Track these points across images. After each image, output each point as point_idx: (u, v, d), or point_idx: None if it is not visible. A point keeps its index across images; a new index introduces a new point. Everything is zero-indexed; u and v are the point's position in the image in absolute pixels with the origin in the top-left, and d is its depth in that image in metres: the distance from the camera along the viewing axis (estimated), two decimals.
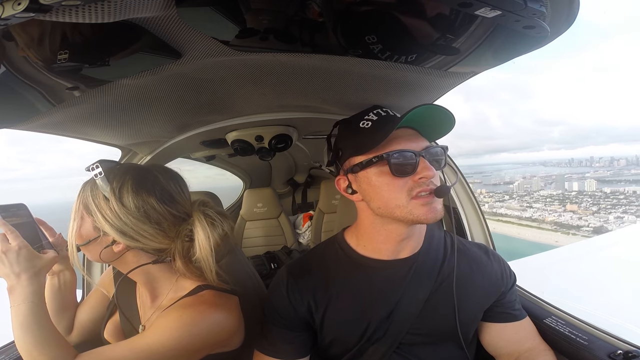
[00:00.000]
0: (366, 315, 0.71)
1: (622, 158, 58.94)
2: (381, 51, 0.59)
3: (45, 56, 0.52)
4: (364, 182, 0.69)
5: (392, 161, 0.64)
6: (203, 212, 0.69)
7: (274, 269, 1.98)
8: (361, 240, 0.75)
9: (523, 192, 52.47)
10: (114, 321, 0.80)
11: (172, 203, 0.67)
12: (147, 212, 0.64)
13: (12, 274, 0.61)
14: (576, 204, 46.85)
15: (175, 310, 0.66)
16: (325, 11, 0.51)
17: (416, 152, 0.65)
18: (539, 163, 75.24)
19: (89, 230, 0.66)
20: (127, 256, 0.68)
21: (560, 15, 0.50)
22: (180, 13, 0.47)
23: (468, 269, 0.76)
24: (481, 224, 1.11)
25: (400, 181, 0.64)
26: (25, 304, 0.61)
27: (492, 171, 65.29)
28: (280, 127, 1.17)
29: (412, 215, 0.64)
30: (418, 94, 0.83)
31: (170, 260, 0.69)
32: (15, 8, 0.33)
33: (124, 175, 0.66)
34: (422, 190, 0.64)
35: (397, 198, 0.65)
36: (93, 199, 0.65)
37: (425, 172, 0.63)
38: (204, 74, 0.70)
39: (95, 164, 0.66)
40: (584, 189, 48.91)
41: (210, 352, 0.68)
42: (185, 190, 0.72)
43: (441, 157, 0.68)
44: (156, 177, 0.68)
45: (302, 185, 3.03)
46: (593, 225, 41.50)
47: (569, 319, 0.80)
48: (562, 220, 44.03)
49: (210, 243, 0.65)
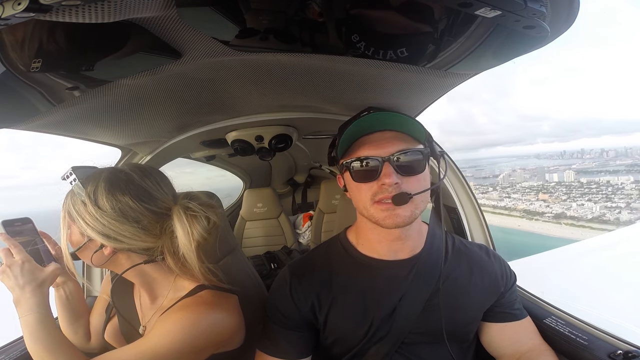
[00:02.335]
0: (369, 314, 0.71)
1: (611, 150, 60.08)
2: (366, 48, 0.60)
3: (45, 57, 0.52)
4: (347, 183, 0.74)
5: (352, 168, 0.67)
6: (183, 205, 0.68)
7: (274, 269, 1.98)
8: (360, 239, 0.77)
9: (507, 184, 54.05)
10: (114, 323, 0.80)
11: (149, 200, 0.67)
12: (123, 211, 0.64)
13: (16, 286, 0.64)
14: (548, 194, 49.49)
15: (175, 312, 0.66)
16: (326, 13, 0.51)
17: (380, 158, 0.65)
18: (533, 156, 76.55)
19: (77, 237, 0.67)
20: (119, 258, 0.68)
21: (560, 15, 0.50)
22: (180, 13, 0.47)
23: (468, 269, 0.76)
24: (481, 224, 1.11)
25: (365, 185, 0.67)
26: (32, 314, 0.64)
27: (487, 165, 66.17)
28: (280, 127, 1.17)
29: (373, 218, 0.67)
30: (418, 94, 0.83)
31: (162, 259, 0.69)
32: (15, 8, 0.33)
33: (97, 178, 0.66)
34: (382, 197, 0.65)
35: (362, 200, 0.68)
36: (73, 205, 0.66)
37: (385, 179, 0.64)
38: (204, 74, 0.70)
39: (68, 172, 0.66)
40: (563, 179, 50.70)
41: (214, 352, 0.68)
42: (165, 185, 0.71)
43: (417, 161, 0.67)
44: (129, 176, 0.68)
45: (302, 185, 3.03)
46: (555, 212, 44.80)
47: (569, 319, 0.80)
48: (531, 208, 46.94)
49: (190, 238, 0.65)
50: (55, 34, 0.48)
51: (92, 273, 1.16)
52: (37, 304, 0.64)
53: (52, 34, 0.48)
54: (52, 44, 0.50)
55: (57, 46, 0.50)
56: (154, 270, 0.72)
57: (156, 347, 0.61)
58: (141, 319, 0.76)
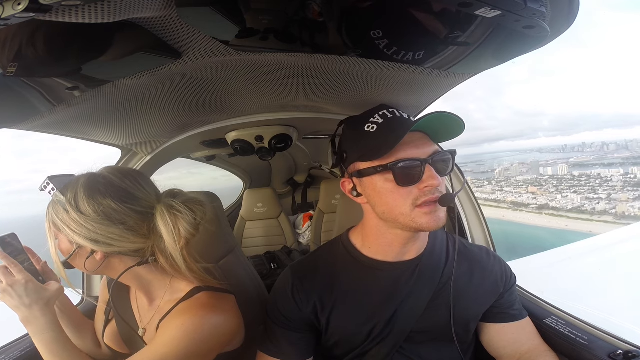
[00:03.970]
0: (373, 316, 0.71)
1: (612, 143, 60.90)
2: (387, 47, 0.58)
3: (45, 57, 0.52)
4: (369, 188, 0.68)
5: (397, 171, 0.62)
6: (166, 204, 0.67)
7: (274, 269, 1.98)
8: (366, 241, 0.75)
9: (503, 178, 54.87)
10: (112, 327, 0.81)
11: (131, 200, 0.66)
12: (106, 214, 0.63)
13: (22, 306, 0.63)
14: (537, 187, 50.68)
15: (176, 317, 0.66)
16: (329, 9, 0.50)
17: (422, 160, 0.63)
18: (536, 150, 77.31)
19: (66, 246, 0.66)
20: (112, 263, 0.68)
21: (560, 15, 0.50)
22: (180, 13, 0.47)
23: (469, 270, 0.76)
24: (481, 225, 1.11)
25: (405, 190, 0.63)
26: (47, 333, 0.63)
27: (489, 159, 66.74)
28: (280, 127, 1.17)
29: (415, 223, 0.63)
30: (418, 94, 0.83)
31: (154, 260, 0.68)
32: (15, 8, 0.33)
33: (76, 185, 0.65)
34: (428, 199, 0.62)
35: (401, 206, 0.64)
36: (57, 215, 0.65)
37: (431, 181, 0.62)
38: (204, 74, 0.70)
39: (45, 182, 0.65)
40: (556, 173, 51.70)
41: (220, 352, 0.69)
42: (146, 184, 0.70)
43: (448, 163, 0.66)
44: (107, 178, 0.67)
45: (302, 185, 3.02)
46: (540, 203, 46.17)
47: (569, 319, 0.80)
48: (519, 200, 48.21)
49: (174, 236, 0.64)
50: (56, 35, 0.48)
51: (92, 281, 1.17)
52: (50, 322, 0.64)
53: (52, 34, 0.48)
54: (53, 44, 0.50)
55: (57, 46, 0.51)
56: (148, 272, 0.71)
57: (164, 356, 0.61)
58: (139, 321, 0.76)
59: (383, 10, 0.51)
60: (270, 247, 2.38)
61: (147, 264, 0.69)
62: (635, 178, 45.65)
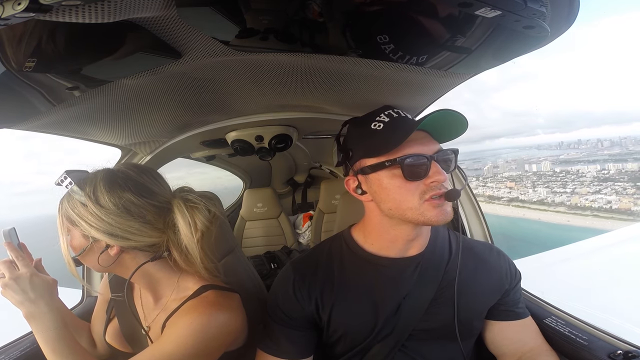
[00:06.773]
0: (375, 312, 0.71)
1: (607, 140, 62.54)
2: (393, 51, 0.59)
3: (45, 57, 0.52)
4: (375, 184, 0.69)
5: (405, 166, 0.64)
6: (183, 197, 0.68)
7: (274, 269, 1.98)
8: (369, 238, 0.75)
9: (490, 174, 56.50)
10: (114, 324, 0.81)
11: (149, 194, 0.67)
12: (127, 207, 0.64)
13: (27, 301, 0.61)
14: (514, 182, 53.00)
15: (183, 315, 0.66)
16: (333, 11, 0.50)
17: (428, 156, 0.65)
18: (534, 147, 78.55)
19: (79, 241, 0.66)
20: (125, 259, 0.68)
21: (560, 15, 0.50)
22: (180, 13, 0.47)
23: (473, 267, 0.76)
24: (481, 222, 1.11)
25: (412, 185, 0.65)
26: (52, 330, 0.62)
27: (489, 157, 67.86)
28: (280, 127, 1.17)
29: (423, 217, 0.65)
30: (418, 94, 0.83)
31: (168, 255, 0.69)
32: (15, 8, 0.33)
33: (95, 179, 0.66)
34: (434, 193, 0.64)
35: (409, 201, 0.65)
36: (72, 209, 0.65)
37: (437, 177, 0.64)
38: (204, 74, 0.70)
39: (63, 176, 0.65)
40: (540, 169, 53.45)
41: (226, 350, 0.69)
42: (161, 180, 0.72)
43: (451, 160, 0.69)
44: (126, 173, 0.68)
45: (302, 185, 3.02)
46: (511, 196, 49.11)
47: (569, 319, 0.80)
48: (495, 194, 50.85)
49: (191, 229, 0.65)
50: (56, 34, 0.48)
51: (92, 273, 1.16)
52: (55, 318, 0.63)
53: (52, 34, 0.48)
54: (52, 44, 0.50)
55: (57, 46, 0.50)
56: (158, 270, 0.72)
57: (172, 354, 0.61)
58: (143, 319, 0.76)
59: (390, 15, 0.51)
60: (270, 247, 2.38)
61: (160, 259, 0.69)
62: (608, 174, 47.76)
